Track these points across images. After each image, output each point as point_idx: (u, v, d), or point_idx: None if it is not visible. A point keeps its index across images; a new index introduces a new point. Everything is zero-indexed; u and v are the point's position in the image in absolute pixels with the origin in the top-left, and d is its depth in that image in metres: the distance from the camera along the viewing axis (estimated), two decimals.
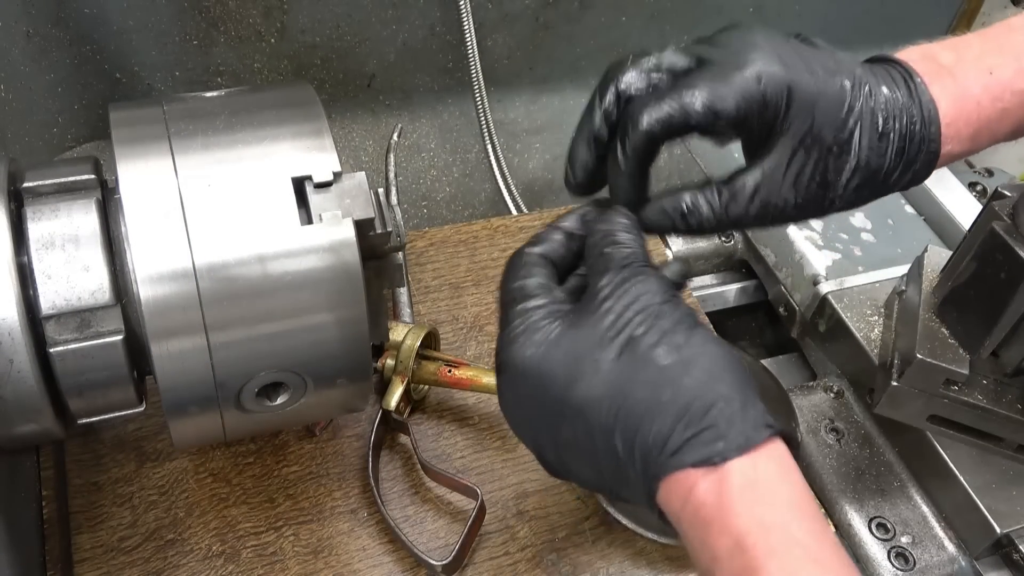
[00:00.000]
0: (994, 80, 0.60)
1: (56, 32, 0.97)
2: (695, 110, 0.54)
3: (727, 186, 0.58)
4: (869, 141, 0.58)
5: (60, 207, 0.57)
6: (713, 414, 0.47)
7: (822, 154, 0.57)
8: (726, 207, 0.58)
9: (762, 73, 0.55)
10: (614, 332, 0.50)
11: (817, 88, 0.56)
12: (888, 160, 0.59)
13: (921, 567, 0.79)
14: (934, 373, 0.76)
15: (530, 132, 1.35)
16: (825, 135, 0.57)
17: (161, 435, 0.79)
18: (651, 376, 0.48)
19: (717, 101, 0.55)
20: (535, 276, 0.55)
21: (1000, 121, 0.61)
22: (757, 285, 1.09)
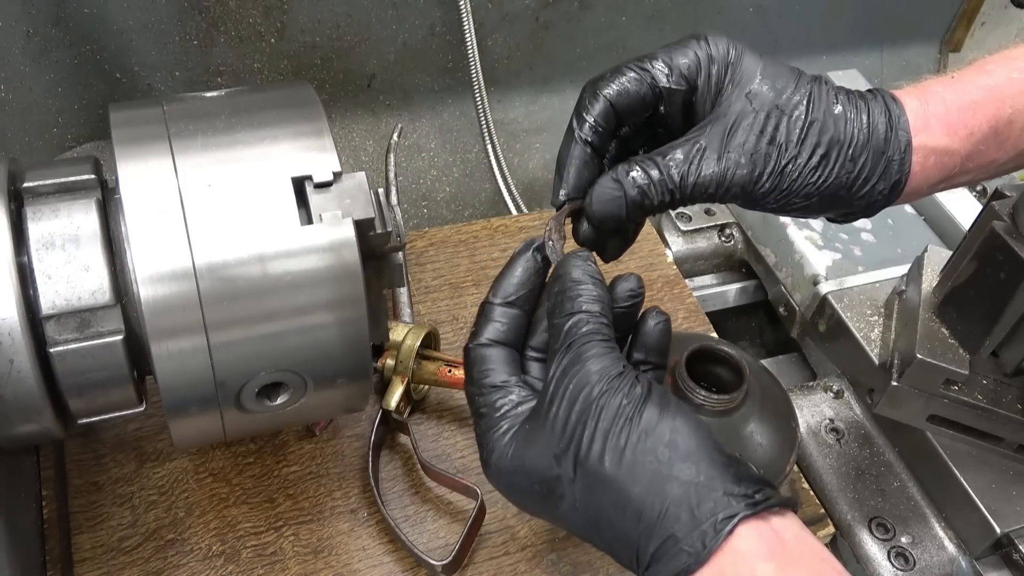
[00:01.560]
0: (956, 82, 0.61)
1: (56, 32, 0.97)
2: (653, 68, 0.57)
3: (681, 149, 0.57)
4: (824, 113, 0.58)
5: (60, 207, 0.57)
6: (667, 524, 0.45)
7: (770, 113, 0.57)
8: (678, 173, 0.56)
9: (712, 38, 0.58)
10: (564, 445, 0.49)
11: (765, 61, 0.59)
12: (852, 138, 0.58)
13: (921, 567, 0.79)
14: (934, 373, 0.76)
15: (530, 132, 1.35)
16: (770, 96, 0.57)
17: (161, 435, 0.79)
18: (607, 494, 0.47)
19: (668, 59, 0.57)
20: (489, 374, 0.53)
21: (972, 113, 0.60)
22: (757, 285, 1.09)
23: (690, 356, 0.72)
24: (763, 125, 0.57)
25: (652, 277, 1.01)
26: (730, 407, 0.71)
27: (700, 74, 0.58)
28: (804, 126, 0.57)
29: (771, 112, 0.57)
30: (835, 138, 0.58)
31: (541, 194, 1.42)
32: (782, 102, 0.57)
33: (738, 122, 0.57)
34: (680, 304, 0.98)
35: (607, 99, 0.57)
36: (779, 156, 0.57)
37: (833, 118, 0.58)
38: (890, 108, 0.59)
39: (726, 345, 0.74)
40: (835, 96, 0.59)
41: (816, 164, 0.58)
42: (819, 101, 0.58)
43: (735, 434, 0.72)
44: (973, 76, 0.61)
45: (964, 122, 0.60)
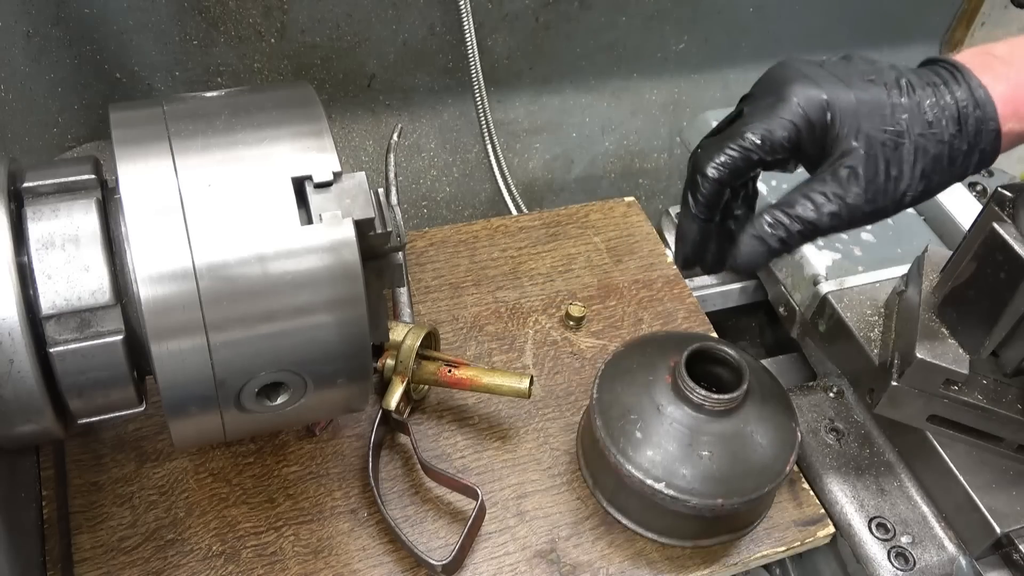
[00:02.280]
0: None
1: (56, 32, 0.98)
2: (753, 146, 0.62)
3: (801, 197, 0.63)
4: (921, 130, 0.62)
5: (60, 207, 0.57)
6: None
7: (876, 149, 0.62)
8: (803, 218, 0.63)
9: (799, 97, 0.62)
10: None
11: (856, 96, 0.62)
12: (947, 145, 0.63)
13: (921, 567, 0.79)
14: (934, 373, 0.76)
15: (530, 132, 1.35)
16: (874, 134, 0.62)
17: (161, 435, 0.79)
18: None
19: (768, 134, 0.62)
20: None
21: None
22: (757, 285, 1.09)
23: (690, 356, 0.72)
24: (876, 167, 0.63)
25: (652, 277, 1.01)
26: (730, 407, 0.71)
27: (801, 139, 0.63)
28: (913, 158, 0.63)
29: (879, 152, 0.62)
30: (938, 157, 0.63)
31: (541, 194, 1.42)
32: (886, 139, 0.62)
33: (853, 168, 0.63)
34: (680, 304, 0.98)
35: (714, 180, 0.63)
36: (895, 188, 0.64)
37: (933, 137, 0.63)
38: (980, 103, 0.63)
39: (726, 345, 0.75)
40: (928, 109, 0.63)
41: (921, 181, 0.64)
42: (916, 121, 0.63)
43: (735, 434, 0.72)
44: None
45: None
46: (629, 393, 0.74)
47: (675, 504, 0.71)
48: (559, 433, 0.84)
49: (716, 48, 1.39)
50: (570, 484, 0.81)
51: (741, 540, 0.79)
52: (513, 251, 1.01)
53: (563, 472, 0.82)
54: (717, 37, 1.38)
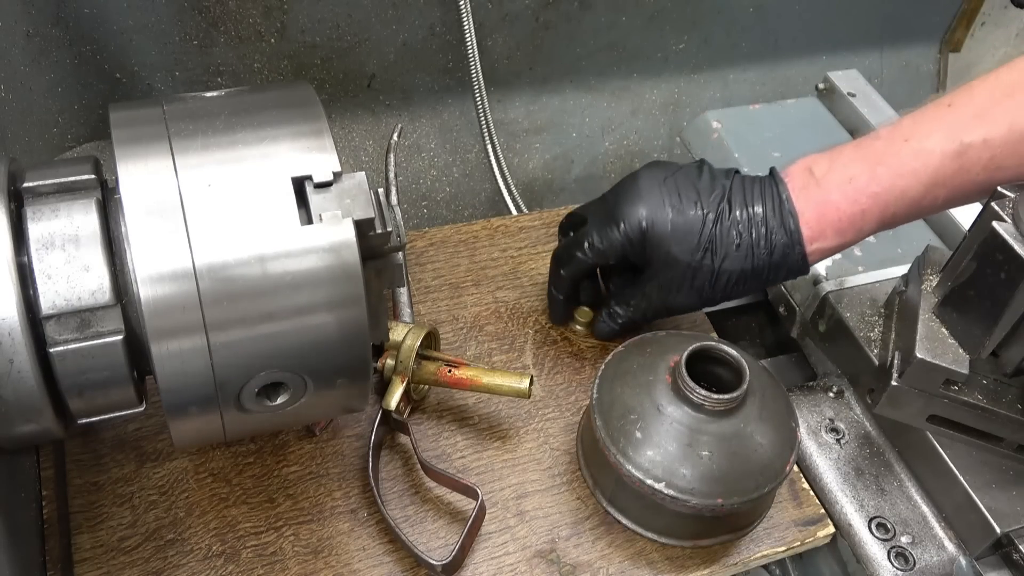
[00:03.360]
0: (851, 187, 0.74)
1: (56, 32, 0.98)
2: (591, 257, 0.81)
3: (622, 306, 0.86)
4: (727, 254, 0.77)
5: (60, 207, 0.57)
6: None
7: (684, 270, 0.78)
8: (625, 320, 0.87)
9: (626, 221, 0.78)
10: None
11: (672, 222, 0.77)
12: (755, 264, 0.76)
13: (921, 567, 0.79)
14: (934, 373, 0.76)
15: (530, 132, 1.35)
16: (681, 257, 0.77)
17: (161, 435, 0.79)
18: None
19: (600, 253, 0.80)
20: None
21: (861, 219, 0.75)
22: None
23: (690, 356, 0.72)
24: (679, 283, 0.80)
25: None
26: (730, 407, 0.71)
27: (627, 252, 0.80)
28: (714, 276, 0.78)
29: (683, 271, 0.78)
30: (743, 274, 0.78)
31: (541, 194, 1.42)
32: (692, 260, 0.77)
33: (655, 284, 0.81)
34: None
35: (568, 278, 0.86)
36: (701, 296, 0.80)
37: (739, 260, 0.77)
38: (788, 232, 0.75)
39: (726, 345, 0.75)
40: (738, 235, 0.76)
41: (726, 290, 0.79)
42: (724, 246, 0.76)
43: (735, 434, 0.72)
44: (863, 177, 0.74)
45: (854, 226, 0.75)
46: (629, 393, 0.74)
47: (675, 504, 0.71)
48: (559, 433, 0.85)
49: (716, 48, 1.39)
50: (570, 484, 0.81)
51: (741, 540, 0.79)
52: (513, 251, 1.01)
53: (563, 472, 0.82)
54: (717, 37, 1.38)
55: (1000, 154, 0.71)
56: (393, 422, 0.80)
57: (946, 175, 0.72)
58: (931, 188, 0.73)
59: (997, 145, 0.70)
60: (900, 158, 0.73)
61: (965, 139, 0.71)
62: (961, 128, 0.72)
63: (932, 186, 0.73)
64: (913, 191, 0.73)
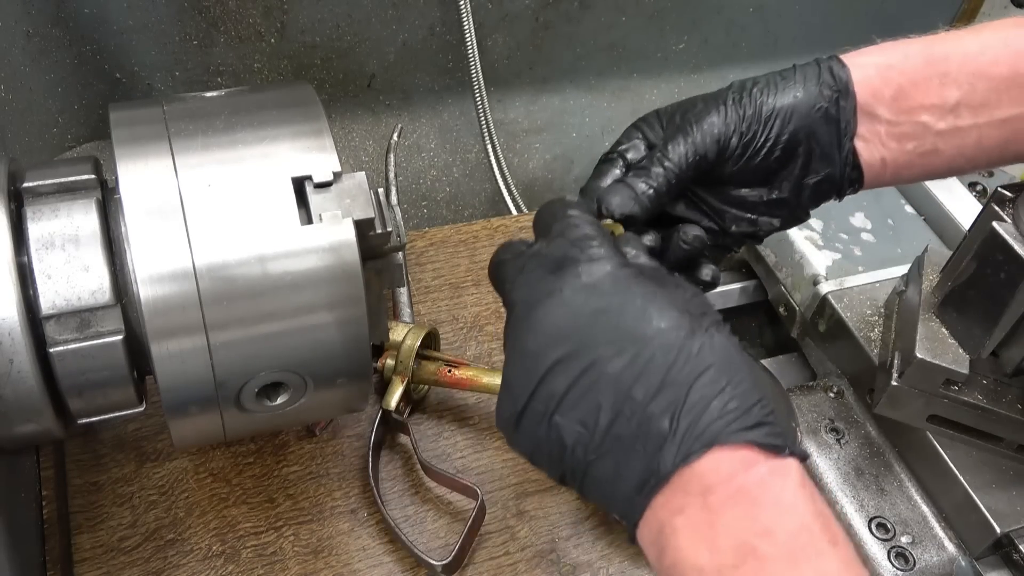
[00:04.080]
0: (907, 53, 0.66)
1: (56, 32, 0.97)
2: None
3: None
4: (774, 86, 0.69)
5: (60, 207, 0.57)
6: (780, 418, 0.48)
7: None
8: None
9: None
10: (697, 310, 0.49)
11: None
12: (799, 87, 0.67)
13: (921, 567, 0.79)
14: (934, 373, 0.76)
15: (530, 132, 1.35)
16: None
17: (161, 435, 0.79)
18: (735, 360, 0.48)
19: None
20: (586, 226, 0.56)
21: (903, 42, 0.66)
22: (757, 285, 1.09)
23: None
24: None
25: None
26: None
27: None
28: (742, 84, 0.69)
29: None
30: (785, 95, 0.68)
31: (541, 194, 1.42)
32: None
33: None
34: None
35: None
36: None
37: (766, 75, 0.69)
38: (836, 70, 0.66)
39: None
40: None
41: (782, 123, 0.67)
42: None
43: None
44: (908, 39, 0.66)
45: (897, 47, 0.66)
46: None
47: None
48: None
49: (716, 48, 1.39)
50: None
51: None
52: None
53: None
54: (717, 37, 1.37)
55: None
56: (393, 422, 0.80)
57: (1007, 34, 0.66)
58: (990, 45, 0.66)
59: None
60: (953, 31, 0.68)
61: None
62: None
63: (991, 43, 0.65)
64: (967, 40, 0.66)
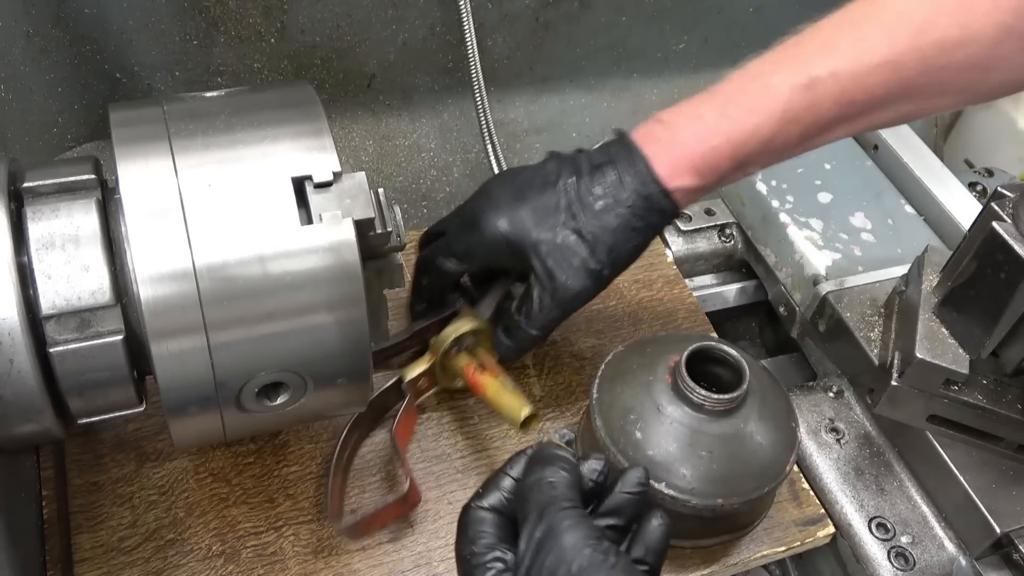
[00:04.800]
0: (701, 125, 0.72)
1: (56, 32, 0.97)
2: (451, 267, 0.78)
3: (504, 331, 0.78)
4: (592, 214, 0.73)
5: (60, 207, 0.57)
6: None
7: (557, 249, 0.73)
8: (523, 333, 0.76)
9: (484, 223, 0.75)
10: None
11: (530, 208, 0.74)
12: (620, 214, 0.73)
13: (921, 567, 0.79)
14: (934, 373, 0.76)
15: (530, 132, 1.35)
16: (546, 236, 0.73)
17: (161, 435, 0.79)
18: None
19: (465, 256, 0.78)
20: (483, 537, 0.56)
21: (714, 156, 0.71)
22: (757, 285, 1.09)
23: (690, 356, 0.72)
24: (565, 259, 0.73)
25: (652, 277, 1.01)
26: (730, 407, 0.71)
27: (490, 251, 0.75)
28: (590, 241, 0.73)
29: (559, 249, 0.73)
30: (618, 229, 0.73)
31: None
32: (563, 237, 0.73)
33: (548, 269, 0.73)
34: (680, 304, 0.98)
35: (427, 284, 0.82)
36: (591, 267, 0.74)
37: (604, 214, 0.73)
38: (640, 176, 0.72)
39: (726, 345, 0.74)
40: (594, 196, 0.73)
41: (611, 255, 0.74)
42: (583, 208, 0.73)
43: (735, 434, 0.72)
44: (713, 114, 0.72)
45: (708, 165, 0.72)
46: (629, 393, 0.74)
47: (675, 504, 0.70)
48: None
49: (716, 48, 1.39)
50: None
51: (741, 540, 0.79)
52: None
53: None
54: (717, 37, 1.37)
55: (850, 87, 0.69)
56: (398, 397, 0.79)
57: (797, 111, 0.70)
58: (784, 124, 0.70)
59: (846, 78, 0.69)
60: (749, 95, 0.71)
61: (813, 72, 0.70)
62: (808, 63, 0.71)
63: (784, 122, 0.70)
64: (765, 128, 0.71)
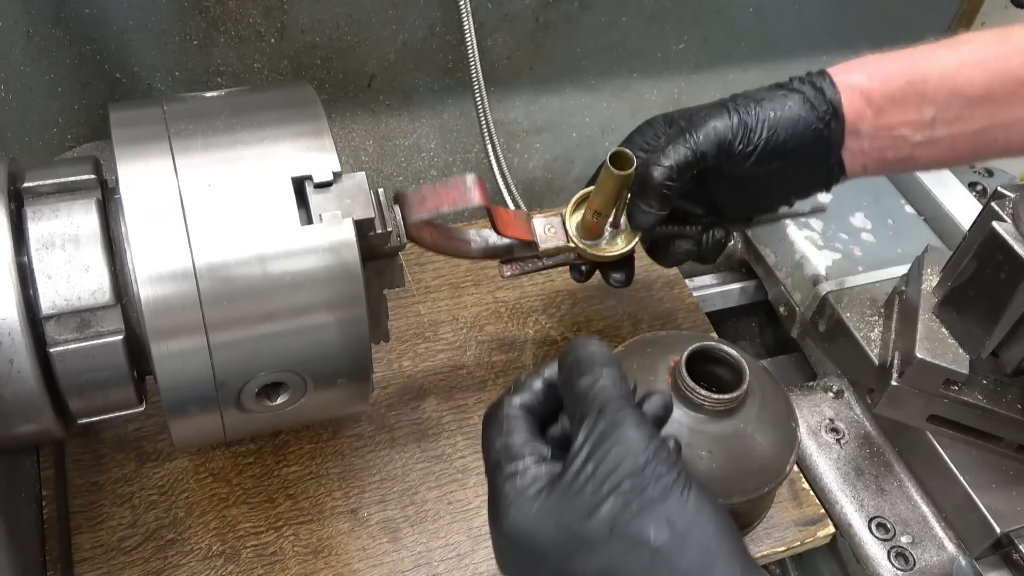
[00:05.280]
0: (885, 56, 0.73)
1: (56, 32, 0.97)
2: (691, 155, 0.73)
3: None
4: (768, 102, 0.75)
5: (60, 207, 0.57)
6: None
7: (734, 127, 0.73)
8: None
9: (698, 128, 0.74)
10: (598, 501, 0.49)
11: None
12: (778, 89, 0.76)
13: (921, 567, 0.79)
14: (934, 373, 0.76)
15: (530, 132, 1.35)
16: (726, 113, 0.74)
17: (161, 435, 0.79)
18: (644, 560, 0.47)
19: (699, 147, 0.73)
20: (518, 432, 0.54)
21: (888, 62, 0.72)
22: (757, 285, 1.09)
23: (690, 356, 0.72)
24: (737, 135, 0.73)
25: (652, 277, 1.01)
26: (730, 407, 0.71)
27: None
28: (759, 127, 0.73)
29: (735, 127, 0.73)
30: (785, 121, 0.73)
31: (541, 194, 1.42)
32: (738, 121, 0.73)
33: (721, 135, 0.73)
34: (680, 304, 0.98)
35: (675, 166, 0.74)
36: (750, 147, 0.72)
37: (778, 104, 0.74)
38: (812, 71, 0.76)
39: (726, 345, 0.74)
40: (776, 92, 0.75)
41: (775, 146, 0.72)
42: (767, 95, 0.75)
43: (735, 434, 0.72)
44: (898, 51, 0.73)
45: (882, 69, 0.72)
46: None
47: None
48: None
49: (716, 48, 1.39)
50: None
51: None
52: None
53: None
54: (717, 37, 1.37)
55: None
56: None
57: (984, 55, 0.70)
58: (966, 65, 0.70)
59: None
60: (939, 42, 0.73)
61: (1009, 31, 0.71)
62: (1007, 29, 0.72)
63: (968, 63, 0.70)
64: (946, 59, 0.71)
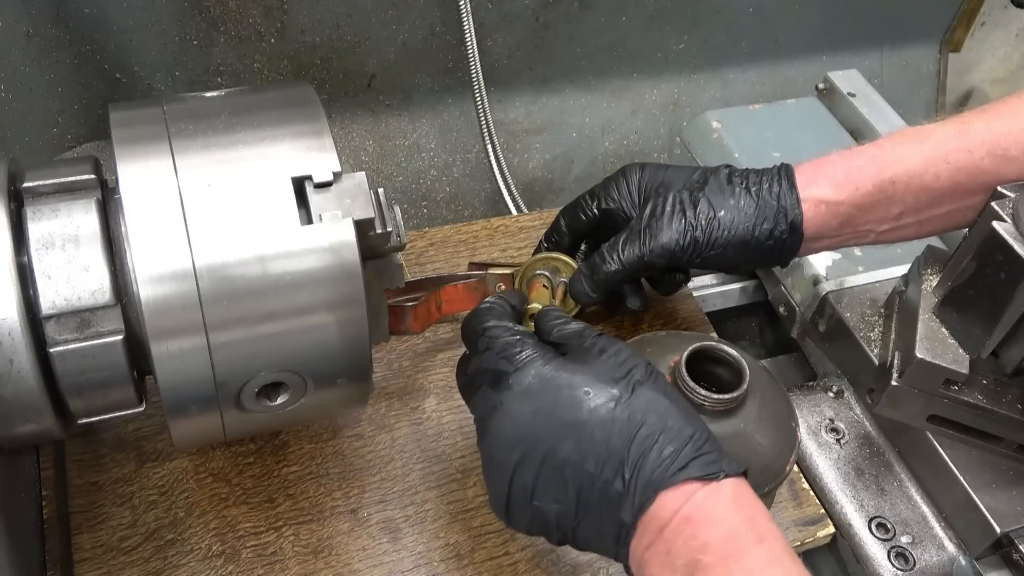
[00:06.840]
0: (849, 151, 0.76)
1: (56, 32, 0.98)
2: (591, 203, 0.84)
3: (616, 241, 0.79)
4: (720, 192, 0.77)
5: (60, 207, 0.57)
6: (713, 443, 0.57)
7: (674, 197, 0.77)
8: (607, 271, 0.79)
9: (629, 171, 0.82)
10: (621, 374, 0.58)
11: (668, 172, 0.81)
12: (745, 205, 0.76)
13: (921, 567, 0.79)
14: (934, 373, 0.76)
15: (530, 132, 1.35)
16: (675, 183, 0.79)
17: (161, 435, 0.79)
18: (663, 408, 0.57)
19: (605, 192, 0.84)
20: (496, 310, 0.65)
21: (857, 174, 0.74)
22: (757, 285, 1.09)
23: (690, 356, 0.72)
24: (675, 208, 0.76)
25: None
26: (730, 407, 0.71)
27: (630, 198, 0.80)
28: (707, 212, 0.75)
29: (675, 198, 0.76)
30: (737, 213, 0.75)
31: (541, 194, 1.42)
32: (684, 194, 0.76)
33: (655, 208, 0.77)
34: (680, 304, 0.98)
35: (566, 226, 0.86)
36: (695, 235, 0.75)
37: (730, 197, 0.75)
38: (780, 175, 0.76)
39: (726, 345, 0.74)
40: (731, 182, 0.77)
41: (725, 237, 0.75)
42: (715, 181, 0.76)
43: (735, 434, 0.72)
44: (864, 148, 0.75)
45: (850, 180, 0.73)
46: None
47: None
48: None
49: (716, 48, 1.39)
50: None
51: None
52: (513, 251, 1.01)
53: None
54: (717, 37, 1.38)
55: (1005, 142, 0.70)
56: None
57: (947, 149, 0.72)
58: (932, 161, 0.72)
59: (1002, 132, 0.70)
60: (902, 136, 0.75)
61: (967, 120, 0.72)
62: (963, 117, 0.73)
63: (933, 159, 0.72)
64: (912, 159, 0.72)
